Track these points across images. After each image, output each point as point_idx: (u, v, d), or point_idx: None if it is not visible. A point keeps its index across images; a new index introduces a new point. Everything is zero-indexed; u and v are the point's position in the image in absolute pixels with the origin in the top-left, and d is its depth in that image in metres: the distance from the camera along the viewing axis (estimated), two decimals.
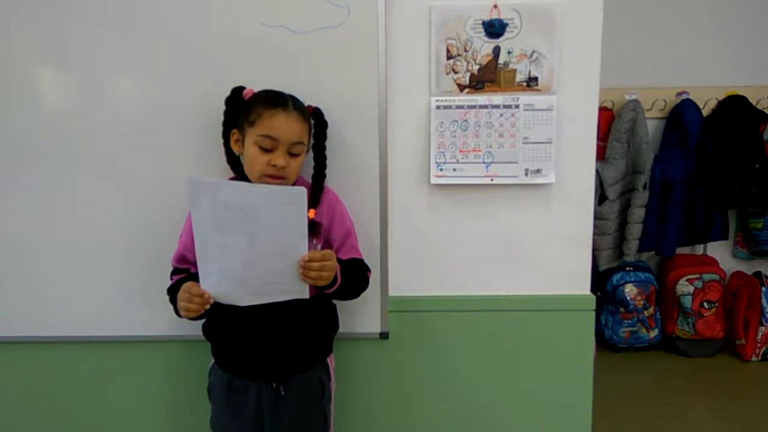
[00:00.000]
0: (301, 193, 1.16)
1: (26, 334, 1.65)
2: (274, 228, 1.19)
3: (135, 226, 1.57)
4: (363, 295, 1.45)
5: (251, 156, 1.30)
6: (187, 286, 1.27)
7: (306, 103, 1.38)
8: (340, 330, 1.50)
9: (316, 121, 1.41)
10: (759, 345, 3.00)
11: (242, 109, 1.34)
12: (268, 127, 1.27)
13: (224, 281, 1.24)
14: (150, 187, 1.54)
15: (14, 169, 1.56)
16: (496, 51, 1.51)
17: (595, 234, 1.72)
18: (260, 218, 1.17)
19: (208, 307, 1.25)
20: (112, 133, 1.53)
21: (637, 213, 2.88)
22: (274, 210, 1.17)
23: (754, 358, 3.01)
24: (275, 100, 1.30)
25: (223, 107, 1.39)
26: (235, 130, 1.36)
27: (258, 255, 1.21)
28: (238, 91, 1.38)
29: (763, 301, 2.97)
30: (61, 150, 1.54)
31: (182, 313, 1.28)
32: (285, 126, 1.28)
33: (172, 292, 1.35)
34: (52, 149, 1.54)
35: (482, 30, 1.51)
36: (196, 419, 1.60)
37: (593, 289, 1.66)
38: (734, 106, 2.95)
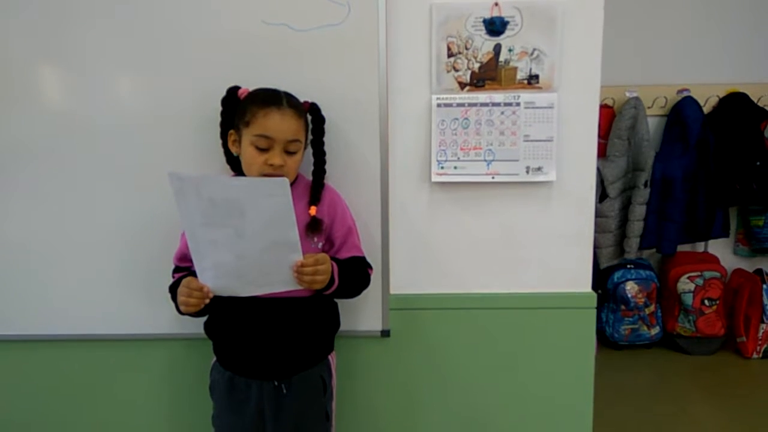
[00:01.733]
0: (283, 183, 1.14)
1: (28, 332, 1.66)
2: (262, 220, 1.18)
3: (136, 225, 1.57)
4: (364, 293, 1.46)
5: (248, 156, 1.29)
6: (186, 280, 1.27)
7: (303, 100, 1.38)
8: (342, 328, 1.50)
9: (313, 116, 1.41)
10: (760, 342, 3.00)
11: (238, 110, 1.34)
12: (262, 127, 1.27)
13: (220, 275, 1.24)
14: (151, 186, 1.54)
15: (15, 169, 1.56)
16: (497, 49, 1.51)
17: (595, 231, 1.73)
18: (246, 211, 1.17)
19: (207, 301, 1.25)
20: (114, 133, 1.53)
21: (638, 210, 2.88)
22: (258, 202, 1.16)
23: (755, 356, 3.01)
24: (268, 99, 1.30)
25: (221, 107, 1.39)
26: (232, 131, 1.36)
27: (250, 247, 1.20)
28: (233, 91, 1.38)
29: (764, 298, 2.96)
30: (62, 149, 1.55)
31: (182, 308, 1.28)
32: (279, 124, 1.28)
33: (174, 289, 1.35)
34: (53, 149, 1.55)
35: (483, 28, 1.51)
36: (198, 417, 1.60)
37: (594, 287, 1.66)
38: (735, 103, 2.95)
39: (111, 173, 1.56)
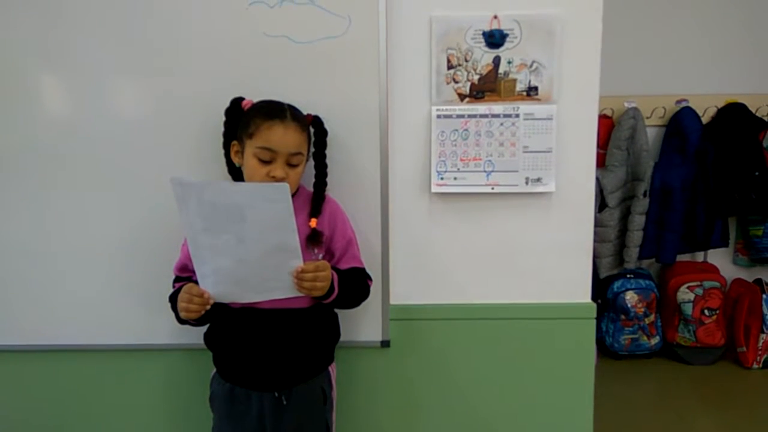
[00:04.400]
0: (284, 188, 1.15)
1: (26, 342, 1.66)
2: (262, 226, 1.18)
3: (136, 234, 1.58)
4: (364, 303, 1.46)
5: (250, 168, 1.30)
6: (187, 287, 1.27)
7: (305, 112, 1.39)
8: (342, 338, 1.50)
9: (315, 129, 1.42)
10: (760, 352, 3.00)
11: (241, 121, 1.34)
12: (265, 139, 1.28)
13: (221, 281, 1.25)
14: (151, 195, 1.54)
15: (14, 176, 1.57)
16: (497, 61, 1.52)
17: (595, 241, 1.73)
18: (247, 217, 1.17)
19: (208, 307, 1.25)
20: (114, 141, 1.54)
21: (638, 220, 2.88)
22: (259, 208, 1.17)
23: (755, 366, 3.01)
24: (272, 112, 1.30)
25: (224, 117, 1.40)
26: (235, 142, 1.36)
27: (250, 253, 1.21)
28: (237, 102, 1.39)
29: (764, 308, 2.96)
30: (61, 157, 1.55)
31: (182, 314, 1.28)
32: (283, 137, 1.28)
33: (174, 299, 1.35)
34: (53, 156, 1.55)
35: (483, 40, 1.52)
36: (198, 428, 1.60)
37: (594, 297, 1.66)
38: (734, 113, 2.96)
39: (111, 182, 1.56)
